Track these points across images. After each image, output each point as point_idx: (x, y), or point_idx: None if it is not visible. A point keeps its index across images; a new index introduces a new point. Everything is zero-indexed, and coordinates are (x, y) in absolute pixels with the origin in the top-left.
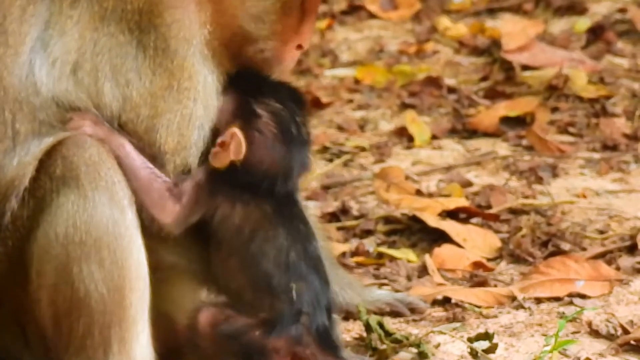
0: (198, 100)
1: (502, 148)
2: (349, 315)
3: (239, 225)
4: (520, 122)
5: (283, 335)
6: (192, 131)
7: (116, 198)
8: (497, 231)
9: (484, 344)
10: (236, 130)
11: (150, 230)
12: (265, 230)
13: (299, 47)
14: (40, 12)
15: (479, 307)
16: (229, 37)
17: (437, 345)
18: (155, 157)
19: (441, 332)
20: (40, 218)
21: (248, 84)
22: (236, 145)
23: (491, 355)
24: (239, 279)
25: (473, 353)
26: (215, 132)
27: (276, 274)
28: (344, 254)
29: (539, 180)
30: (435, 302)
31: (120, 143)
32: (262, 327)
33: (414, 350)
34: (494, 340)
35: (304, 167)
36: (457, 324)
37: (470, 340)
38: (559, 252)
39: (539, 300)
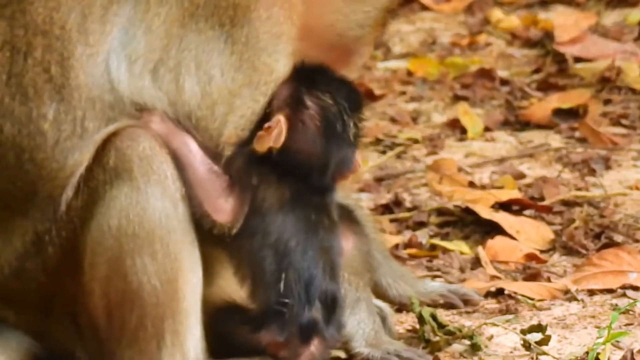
0: (268, 95)
1: (555, 140)
2: (402, 308)
3: (256, 207)
4: (573, 114)
5: (269, 329)
6: (253, 125)
7: (169, 191)
8: (550, 223)
9: (537, 336)
10: (281, 118)
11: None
12: (274, 214)
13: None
14: (124, 11)
15: (532, 299)
16: (317, 39)
17: (490, 337)
18: (212, 148)
19: (494, 324)
20: (93, 209)
21: (308, 75)
22: (278, 132)
23: (544, 347)
24: (246, 265)
25: (526, 345)
26: (267, 116)
27: (271, 261)
28: (396, 246)
29: (592, 172)
30: (488, 294)
31: (184, 141)
32: (252, 323)
33: (467, 342)
34: (547, 332)
35: (343, 165)
36: (510, 316)
37: (523, 332)
38: (611, 244)
39: (591, 292)
